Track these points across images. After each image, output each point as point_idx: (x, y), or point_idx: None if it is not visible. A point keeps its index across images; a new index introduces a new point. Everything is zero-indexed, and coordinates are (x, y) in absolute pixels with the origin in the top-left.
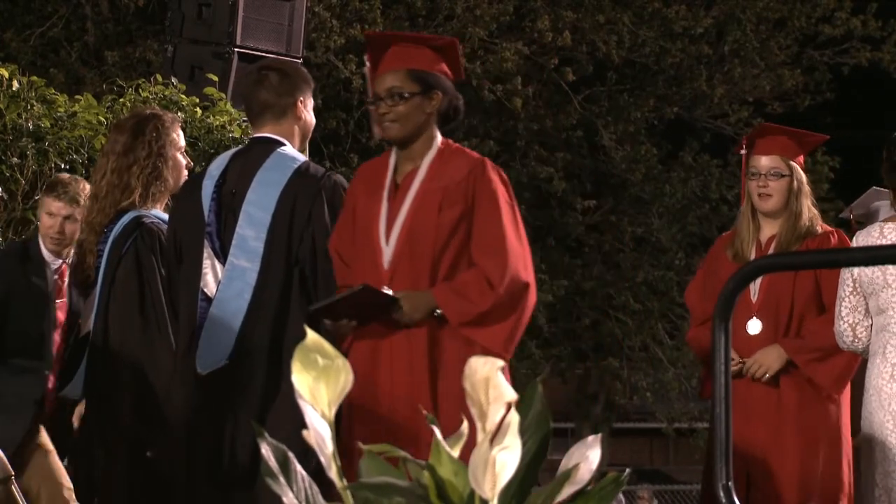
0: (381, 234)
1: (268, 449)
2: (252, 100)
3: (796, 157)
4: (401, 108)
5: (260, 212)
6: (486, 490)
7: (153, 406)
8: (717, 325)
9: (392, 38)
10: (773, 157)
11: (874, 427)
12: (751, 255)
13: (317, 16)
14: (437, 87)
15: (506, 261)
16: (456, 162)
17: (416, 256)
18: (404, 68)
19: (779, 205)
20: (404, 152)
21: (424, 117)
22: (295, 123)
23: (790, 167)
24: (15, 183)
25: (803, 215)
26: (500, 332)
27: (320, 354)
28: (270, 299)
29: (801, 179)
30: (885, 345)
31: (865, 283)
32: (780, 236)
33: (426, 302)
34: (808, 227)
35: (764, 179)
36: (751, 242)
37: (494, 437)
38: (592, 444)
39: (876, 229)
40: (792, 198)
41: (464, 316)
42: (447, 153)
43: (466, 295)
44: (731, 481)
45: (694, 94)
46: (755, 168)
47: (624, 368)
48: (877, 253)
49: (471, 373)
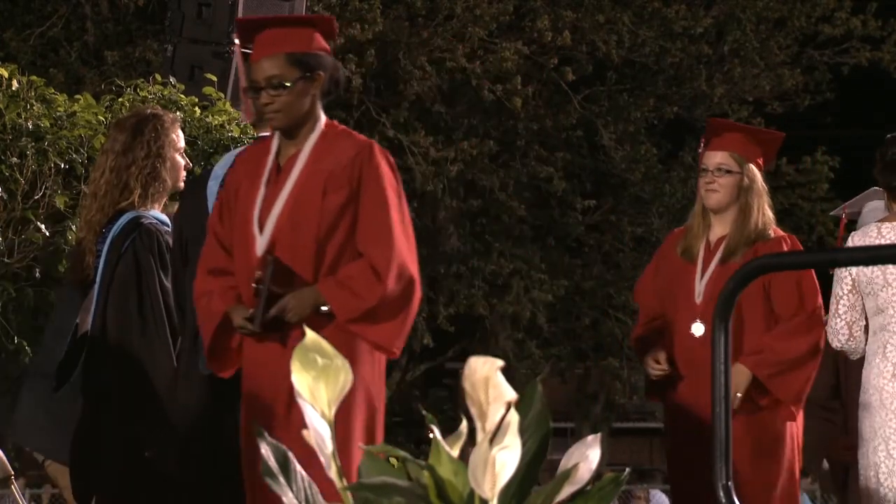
0: (255, 221)
1: (267, 449)
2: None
3: (752, 156)
4: (283, 97)
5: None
6: (485, 490)
7: (151, 405)
8: (716, 326)
9: (265, 22)
10: (723, 153)
11: (875, 426)
12: (699, 253)
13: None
14: (319, 67)
15: (392, 251)
16: (341, 145)
17: (297, 244)
18: (282, 52)
19: (724, 201)
20: (287, 135)
21: (308, 101)
22: None
23: (741, 165)
24: (15, 183)
25: (753, 215)
26: (391, 328)
27: (319, 354)
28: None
29: (753, 178)
30: (884, 344)
31: (864, 282)
32: (730, 237)
33: (312, 298)
34: (760, 230)
35: (711, 175)
36: (700, 240)
37: (494, 436)
38: (592, 443)
39: (873, 229)
40: (742, 196)
41: (351, 312)
42: (332, 135)
43: (353, 289)
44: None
45: (694, 94)
46: (704, 164)
47: (624, 368)
48: (877, 253)
49: (470, 372)
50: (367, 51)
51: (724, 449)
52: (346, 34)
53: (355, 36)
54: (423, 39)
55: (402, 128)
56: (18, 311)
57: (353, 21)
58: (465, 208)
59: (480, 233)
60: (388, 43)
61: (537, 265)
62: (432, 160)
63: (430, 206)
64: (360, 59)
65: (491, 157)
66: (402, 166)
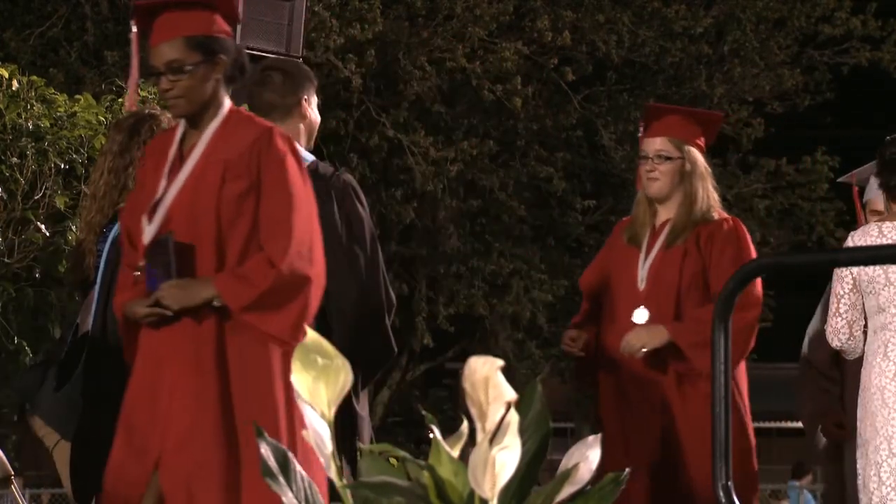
0: (148, 211)
1: (267, 449)
2: (257, 101)
3: (692, 137)
4: (184, 82)
5: None
6: (485, 490)
7: None
8: (716, 325)
9: (162, 5)
10: (661, 139)
11: (877, 425)
12: (645, 238)
13: (316, 15)
14: (220, 51)
15: (289, 239)
16: (241, 131)
17: (197, 236)
18: (181, 36)
19: (666, 188)
20: (191, 122)
21: (211, 86)
22: (300, 122)
23: (681, 150)
24: (15, 183)
25: (699, 200)
26: (286, 317)
27: (319, 354)
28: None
29: (695, 162)
30: (885, 343)
31: (865, 281)
32: (674, 221)
33: (201, 288)
34: (704, 212)
35: (651, 163)
36: (646, 227)
37: (494, 436)
38: (592, 443)
39: (874, 229)
40: (686, 182)
41: (243, 299)
42: (234, 121)
43: (245, 277)
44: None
45: (694, 94)
46: (644, 151)
47: None
48: (878, 252)
49: (470, 372)
50: (367, 51)
51: (723, 449)
52: (346, 34)
53: (355, 36)
54: (423, 39)
55: (402, 128)
56: (18, 312)
57: (353, 21)
58: (465, 208)
59: (480, 233)
60: (388, 43)
61: (537, 265)
62: (432, 160)
63: (430, 206)
64: (360, 59)
65: (491, 157)
66: (402, 166)
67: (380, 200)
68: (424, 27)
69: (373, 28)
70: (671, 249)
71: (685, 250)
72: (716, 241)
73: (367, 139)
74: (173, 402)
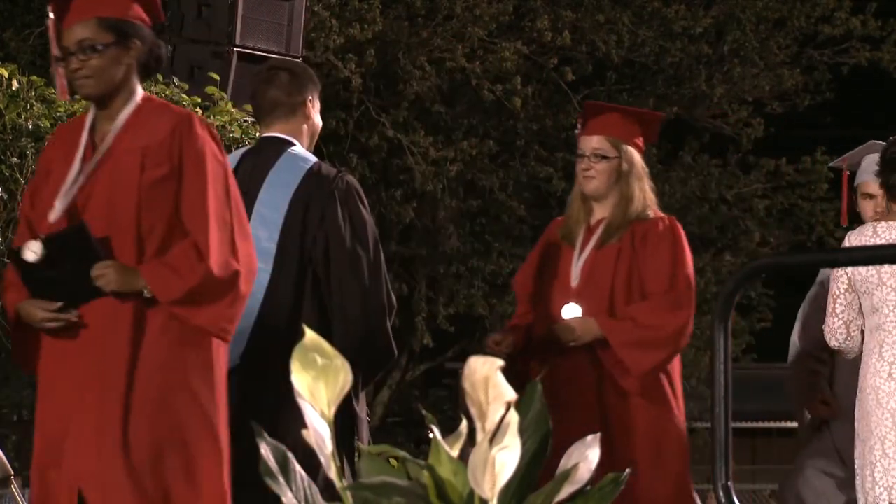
0: (56, 200)
1: (267, 449)
2: (262, 98)
3: (630, 136)
4: (94, 61)
5: (272, 212)
6: (485, 490)
7: None
8: (717, 326)
9: None
10: (598, 137)
11: (872, 425)
12: (579, 236)
13: (316, 15)
14: (134, 36)
15: (215, 230)
16: (157, 118)
17: (114, 225)
18: (94, 17)
19: (602, 188)
20: (102, 110)
21: (122, 70)
22: (304, 122)
23: (619, 149)
24: (15, 183)
25: (635, 200)
26: (217, 310)
27: (319, 354)
28: (283, 300)
29: (632, 161)
30: (880, 344)
31: (859, 281)
32: (609, 220)
33: (132, 277)
34: (640, 212)
35: (587, 161)
36: (581, 224)
37: (494, 436)
38: (592, 443)
39: (869, 229)
40: (622, 181)
41: (173, 292)
42: (148, 109)
43: (175, 268)
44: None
45: (693, 94)
46: (580, 149)
47: None
48: (876, 252)
49: (470, 372)
50: (367, 51)
51: (723, 449)
52: (345, 34)
53: (355, 36)
54: (422, 39)
55: (402, 128)
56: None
57: (353, 21)
58: (465, 208)
59: (480, 233)
60: (387, 43)
61: None
62: (432, 160)
63: (430, 206)
64: (360, 58)
65: (491, 157)
66: (402, 166)
67: (380, 200)
68: (424, 27)
69: (373, 28)
70: (605, 248)
71: (619, 249)
72: (650, 239)
73: (367, 139)
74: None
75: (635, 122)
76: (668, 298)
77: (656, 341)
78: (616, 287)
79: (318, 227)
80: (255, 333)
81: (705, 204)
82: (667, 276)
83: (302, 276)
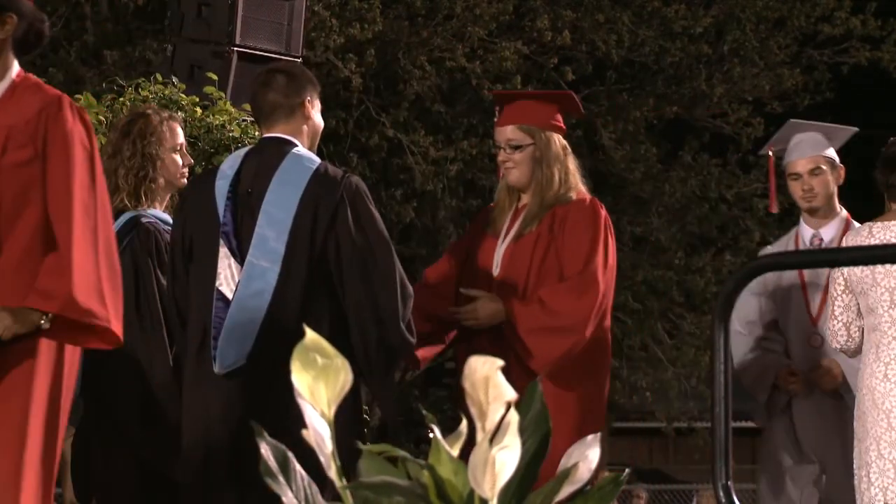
0: None
1: (267, 449)
2: (261, 101)
3: (544, 120)
4: None
5: (280, 212)
6: (485, 489)
7: (151, 406)
8: (717, 325)
9: None
10: (511, 127)
11: (868, 426)
12: (504, 225)
13: (316, 15)
14: (10, 9)
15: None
16: (29, 97)
17: None
18: None
19: (523, 177)
20: None
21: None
22: (304, 123)
23: (533, 136)
24: None
25: (553, 185)
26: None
27: (319, 354)
28: (291, 300)
29: (546, 146)
30: (876, 345)
31: (855, 281)
32: (528, 208)
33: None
34: (560, 195)
35: (504, 153)
36: (505, 212)
37: (494, 436)
38: (592, 443)
39: (864, 229)
40: (536, 167)
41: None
42: (22, 87)
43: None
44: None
45: (693, 94)
46: (497, 141)
47: (623, 368)
48: (877, 253)
49: (470, 372)
50: (367, 50)
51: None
52: (345, 34)
53: (355, 36)
54: (422, 39)
55: (402, 127)
56: None
57: (353, 21)
58: (464, 208)
59: None
60: (387, 42)
61: None
62: (432, 160)
63: (429, 206)
64: (360, 58)
65: (491, 157)
66: (402, 166)
67: (380, 200)
68: (424, 27)
69: (373, 28)
70: (526, 235)
71: (538, 235)
72: (568, 222)
73: (367, 139)
74: None
75: (546, 103)
76: (576, 282)
77: (562, 329)
78: (532, 274)
79: (329, 229)
80: (262, 333)
81: (705, 203)
82: (581, 260)
83: (311, 277)
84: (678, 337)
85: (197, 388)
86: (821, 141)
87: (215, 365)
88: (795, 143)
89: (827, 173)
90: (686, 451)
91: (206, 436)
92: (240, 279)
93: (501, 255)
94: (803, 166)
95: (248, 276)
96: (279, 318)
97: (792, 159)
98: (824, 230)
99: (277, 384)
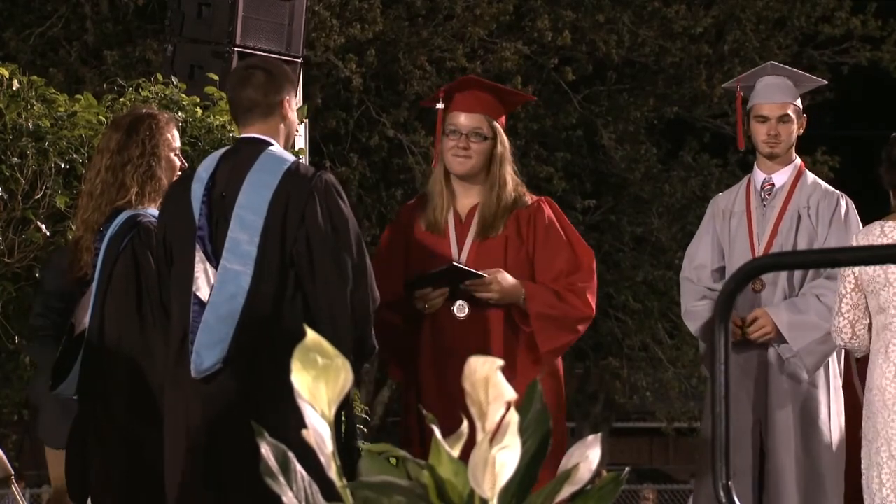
0: None
1: (267, 449)
2: (238, 98)
3: (499, 116)
4: None
5: (252, 215)
6: (485, 490)
7: (149, 404)
8: (717, 326)
9: None
10: (475, 115)
11: (878, 427)
12: (449, 225)
13: (317, 15)
14: None
15: None
16: None
17: None
18: None
19: (477, 169)
20: None
21: None
22: (281, 122)
23: (494, 129)
24: (15, 183)
25: (508, 185)
26: None
27: (320, 354)
28: (265, 302)
29: (504, 144)
30: (886, 344)
31: (867, 280)
32: (483, 207)
33: None
34: (516, 197)
35: (465, 140)
36: (446, 211)
37: (494, 436)
38: (592, 443)
39: (877, 228)
40: (494, 165)
41: None
42: None
43: None
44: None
45: (694, 94)
46: (454, 126)
47: (624, 368)
48: (878, 252)
49: (470, 372)
50: (367, 50)
51: (723, 449)
52: (346, 34)
53: (355, 36)
54: (423, 39)
55: (402, 128)
56: (18, 312)
57: (353, 21)
58: None
59: None
60: (388, 43)
61: None
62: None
63: None
64: (361, 58)
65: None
66: (402, 166)
67: (380, 200)
68: (424, 27)
69: (373, 28)
70: (491, 239)
71: (506, 237)
72: (538, 225)
73: (367, 139)
74: None
75: (504, 101)
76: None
77: (568, 321)
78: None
79: (298, 227)
80: (237, 335)
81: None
82: (566, 260)
83: (283, 279)
84: (678, 337)
85: (177, 391)
86: (790, 88)
87: (192, 369)
88: (765, 85)
89: (794, 121)
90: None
91: (187, 439)
92: (214, 283)
93: (465, 260)
94: (771, 111)
95: (221, 281)
96: (253, 321)
97: (760, 101)
98: (777, 175)
99: (252, 387)
